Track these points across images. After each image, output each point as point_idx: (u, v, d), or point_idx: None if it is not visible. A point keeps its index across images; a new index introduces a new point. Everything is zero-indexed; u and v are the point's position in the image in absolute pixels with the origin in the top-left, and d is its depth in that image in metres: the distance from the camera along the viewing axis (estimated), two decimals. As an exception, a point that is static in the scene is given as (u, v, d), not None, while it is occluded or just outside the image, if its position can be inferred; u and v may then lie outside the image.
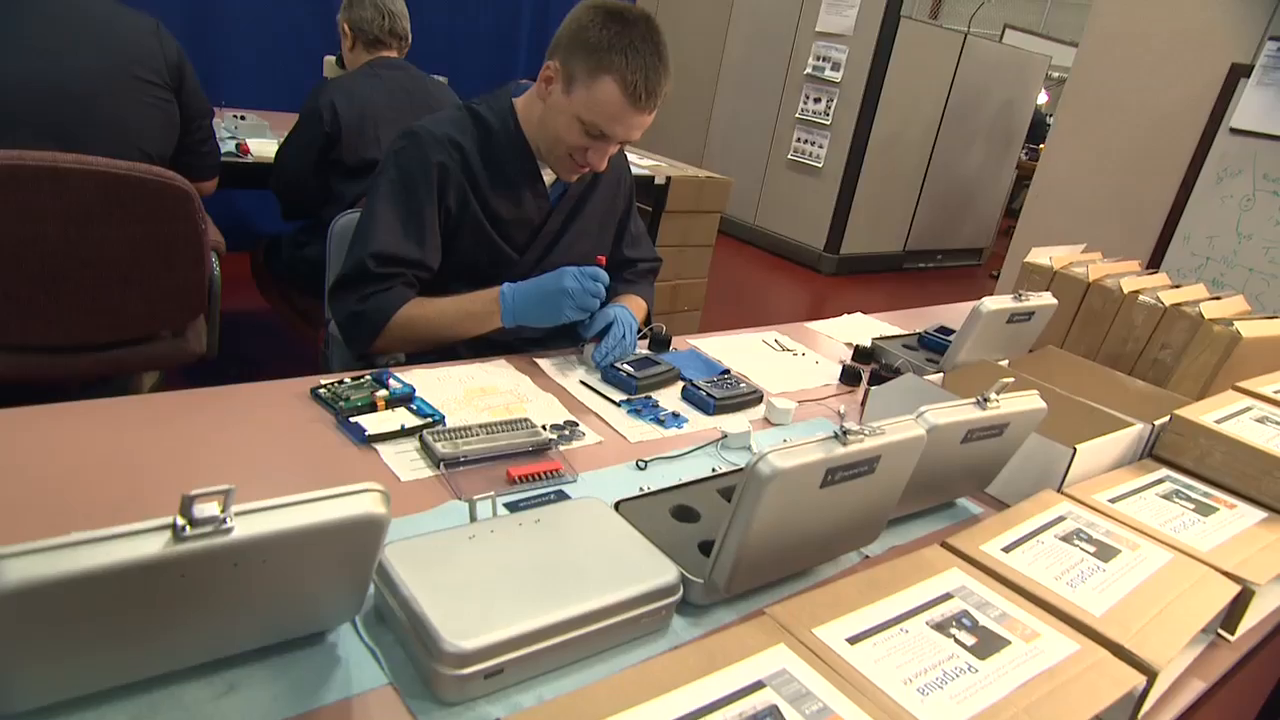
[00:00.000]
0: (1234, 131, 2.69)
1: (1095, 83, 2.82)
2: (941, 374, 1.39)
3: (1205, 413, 1.20)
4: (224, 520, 0.52)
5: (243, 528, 0.52)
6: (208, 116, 1.91)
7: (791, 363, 1.50)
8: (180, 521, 0.50)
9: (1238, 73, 2.67)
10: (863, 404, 1.32)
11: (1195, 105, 2.78)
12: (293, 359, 2.86)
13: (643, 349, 1.40)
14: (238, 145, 2.34)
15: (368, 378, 1.13)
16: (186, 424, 0.97)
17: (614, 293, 1.51)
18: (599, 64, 1.21)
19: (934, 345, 1.60)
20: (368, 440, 1.00)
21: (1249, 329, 1.47)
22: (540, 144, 1.33)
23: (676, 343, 1.47)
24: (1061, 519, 0.96)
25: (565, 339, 1.39)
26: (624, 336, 1.32)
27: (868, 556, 0.95)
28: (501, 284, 1.30)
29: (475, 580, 0.71)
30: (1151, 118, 2.90)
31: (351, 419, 1.03)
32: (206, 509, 0.51)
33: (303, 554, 0.58)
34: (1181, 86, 2.82)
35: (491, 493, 0.85)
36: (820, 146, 5.29)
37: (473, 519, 0.81)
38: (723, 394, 1.24)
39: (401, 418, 1.06)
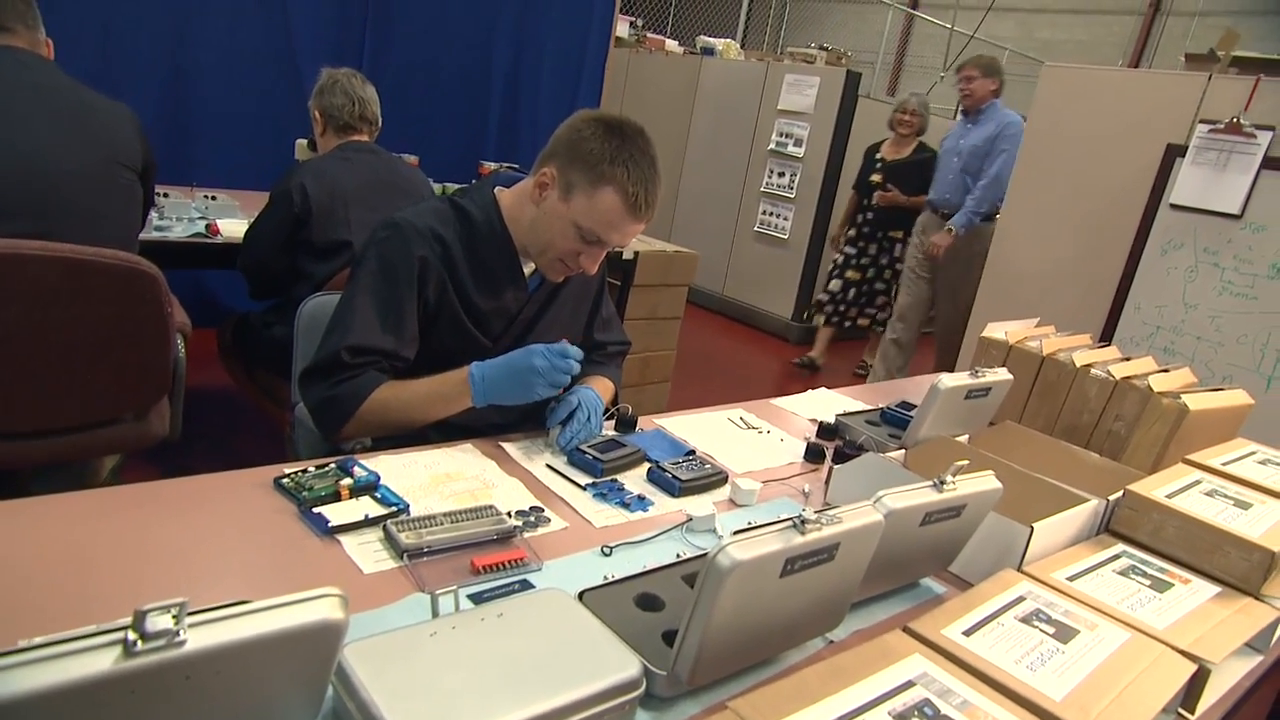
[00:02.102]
0: (1174, 207, 2.82)
1: (1044, 159, 2.95)
2: (903, 450, 1.42)
3: (1157, 487, 1.23)
4: (177, 633, 0.51)
5: (196, 639, 0.52)
6: (151, 204, 1.95)
7: (757, 441, 1.52)
8: (131, 636, 0.50)
9: (1173, 152, 2.81)
10: (827, 482, 1.33)
11: (1137, 182, 2.91)
12: (257, 437, 2.82)
13: (609, 430, 1.42)
14: (207, 225, 2.36)
15: (332, 466, 1.12)
16: (145, 518, 0.96)
17: (582, 374, 1.52)
18: (600, 175, 1.25)
19: (896, 421, 1.63)
20: (331, 532, 0.99)
21: (1196, 401, 1.52)
22: (529, 244, 1.36)
23: (643, 423, 1.48)
24: (1021, 599, 0.98)
25: (533, 422, 1.40)
26: (589, 419, 1.33)
27: (832, 641, 0.96)
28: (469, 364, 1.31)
29: (435, 681, 0.70)
30: (1098, 193, 3.04)
31: (315, 510, 1.02)
32: (159, 622, 0.51)
33: (258, 663, 0.57)
34: (1124, 164, 2.96)
35: (454, 586, 0.85)
36: (785, 218, 5.43)
37: (435, 614, 0.80)
38: (688, 476, 1.25)
39: (365, 507, 1.05)
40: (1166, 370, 1.66)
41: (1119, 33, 11.20)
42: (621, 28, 6.38)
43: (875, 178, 4.50)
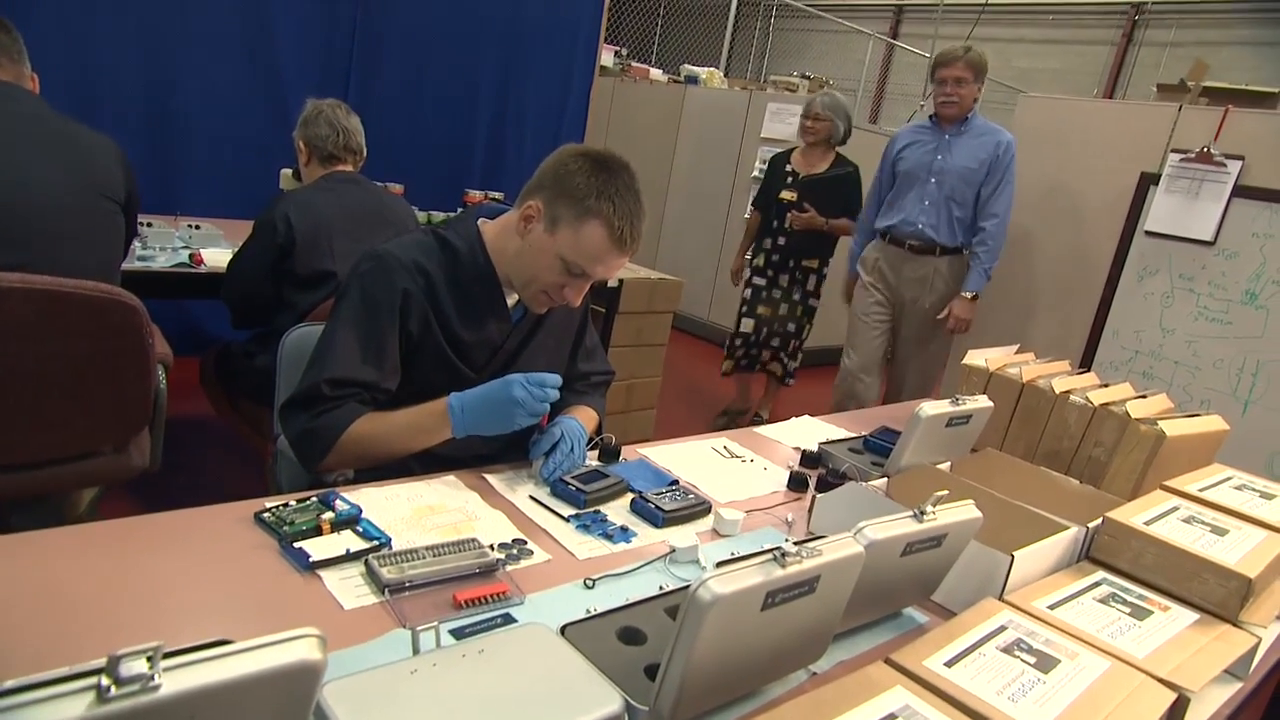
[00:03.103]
0: (1149, 234, 2.87)
1: (1022, 186, 3.00)
2: (886, 479, 1.42)
3: (1135, 514, 1.24)
4: (152, 677, 0.51)
5: (171, 683, 0.52)
6: (134, 235, 1.95)
7: (740, 470, 1.52)
8: (105, 682, 0.50)
9: (1147, 180, 2.87)
10: (810, 511, 1.34)
11: (1113, 209, 2.97)
12: (238, 467, 2.80)
13: (592, 460, 1.42)
14: (191, 255, 2.35)
15: (313, 499, 1.12)
16: (123, 554, 0.95)
17: (565, 404, 1.53)
18: (586, 210, 1.26)
19: (878, 449, 1.64)
20: (311, 567, 0.99)
21: (1173, 427, 1.54)
22: (513, 276, 1.37)
23: (626, 452, 1.48)
24: (1003, 628, 0.98)
25: (516, 451, 1.40)
26: (572, 450, 1.34)
27: (815, 674, 0.96)
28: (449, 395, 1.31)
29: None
30: (1076, 220, 3.09)
31: (295, 544, 1.02)
32: (134, 666, 0.51)
33: (234, 706, 0.57)
34: (1100, 192, 3.02)
35: (435, 621, 0.84)
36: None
37: (416, 651, 0.80)
38: (671, 506, 1.25)
39: (347, 541, 1.05)
40: (1144, 396, 1.68)
41: (1094, 61, 11.44)
42: (606, 56, 6.45)
43: (787, 194, 3.68)
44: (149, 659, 0.51)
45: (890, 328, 3.26)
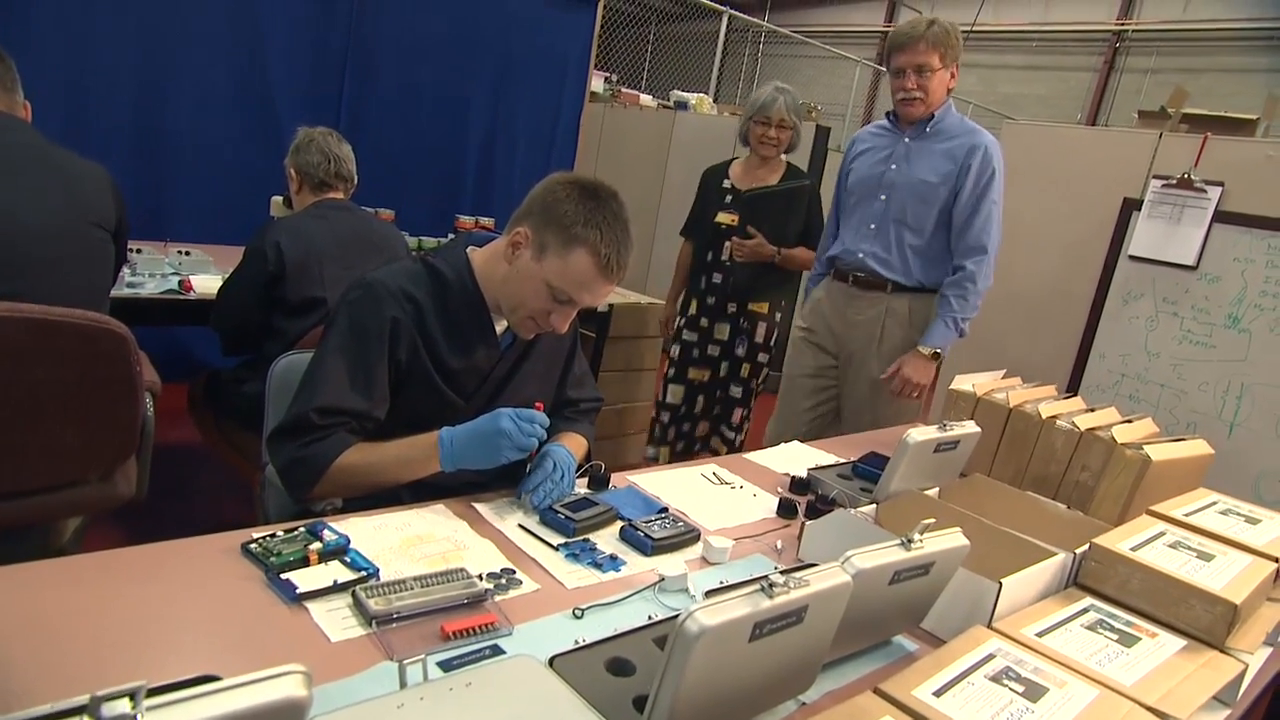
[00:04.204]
0: (1132, 259, 2.90)
1: (1008, 212, 3.03)
2: (875, 505, 1.43)
3: (1122, 540, 1.25)
4: (134, 718, 0.50)
5: (154, 724, 0.51)
6: (124, 261, 1.96)
7: (729, 496, 1.52)
8: (87, 723, 0.49)
9: (1130, 206, 2.91)
10: (799, 539, 1.34)
11: (1097, 234, 3.00)
12: (225, 494, 2.78)
13: (581, 488, 1.42)
14: (180, 282, 2.35)
15: (301, 530, 1.11)
16: (108, 586, 0.94)
17: (554, 431, 1.53)
18: (573, 237, 1.28)
19: (867, 474, 1.64)
20: (298, 599, 0.98)
21: (1158, 452, 1.55)
22: (501, 301, 1.38)
23: (615, 479, 1.48)
24: (991, 656, 0.98)
25: (506, 480, 1.39)
26: (562, 477, 1.34)
27: (805, 704, 0.95)
28: (440, 428, 1.31)
29: (401, 756, 0.69)
30: (1061, 245, 3.12)
31: (282, 575, 1.01)
32: (116, 708, 0.50)
33: (218, 744, 0.56)
34: (1084, 217, 3.06)
35: (423, 654, 0.84)
36: (759, 269, 5.50)
37: (403, 684, 0.79)
38: (660, 534, 1.25)
39: (334, 572, 1.04)
40: (1129, 421, 1.69)
41: (1077, 87, 11.63)
42: (596, 83, 6.51)
43: (726, 217, 2.82)
44: (131, 699, 0.51)
45: (835, 393, 2.50)
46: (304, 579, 1.01)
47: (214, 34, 3.31)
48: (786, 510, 1.47)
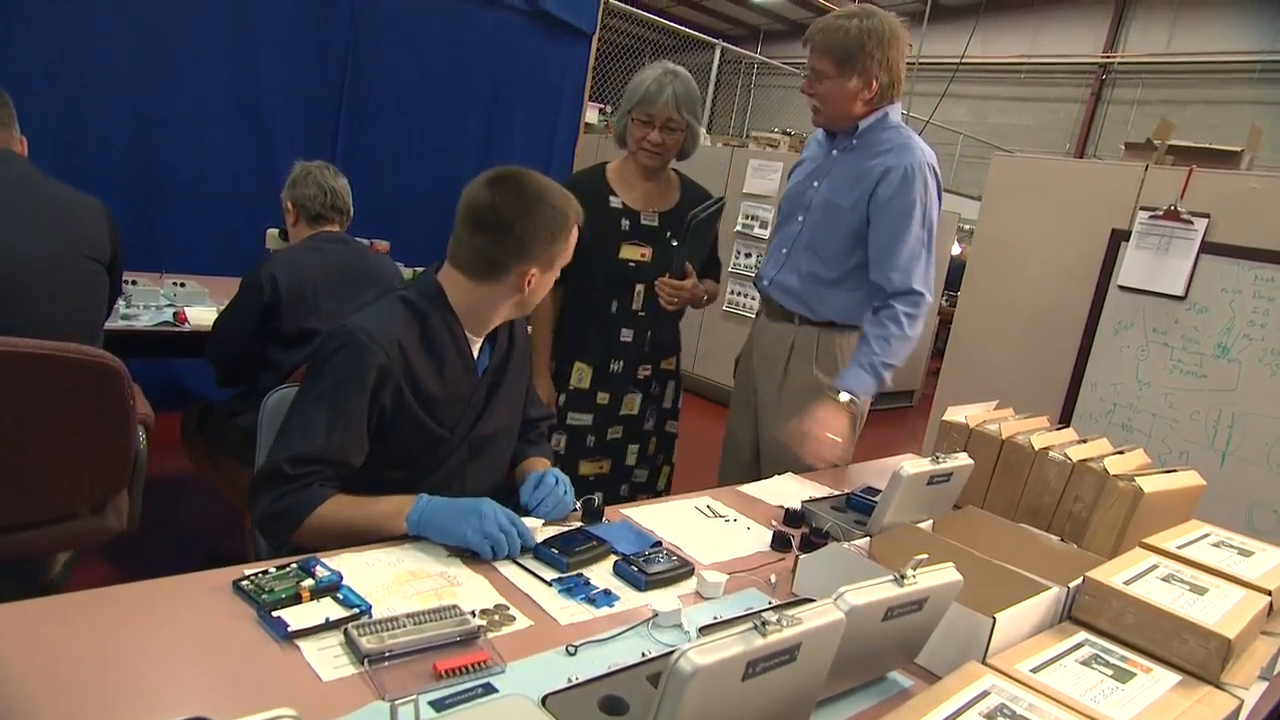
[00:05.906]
0: (1122, 289, 2.93)
1: (998, 241, 3.07)
2: (869, 538, 1.43)
3: (1115, 573, 1.25)
4: (125, 766, 0.50)
5: (144, 771, 0.51)
6: (119, 293, 1.98)
7: (724, 530, 1.52)
8: (78, 771, 0.49)
9: (1118, 236, 2.94)
10: (793, 572, 1.34)
11: (1087, 265, 3.03)
12: (217, 526, 2.76)
13: (575, 521, 1.42)
14: (175, 314, 2.36)
15: (293, 566, 1.11)
16: (98, 625, 0.94)
17: (521, 455, 1.60)
18: (555, 233, 1.44)
19: (861, 506, 1.65)
20: (290, 637, 0.98)
21: (1150, 484, 1.55)
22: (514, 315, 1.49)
23: (609, 513, 1.48)
24: (985, 694, 0.98)
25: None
26: (565, 493, 1.41)
27: (799, 742, 0.95)
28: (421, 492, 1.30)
29: (392, 800, 0.68)
30: (1051, 276, 3.15)
31: (274, 613, 1.01)
32: (107, 755, 0.50)
33: (208, 791, 0.56)
34: (1074, 248, 3.09)
35: (414, 694, 0.84)
36: (753, 298, 5.54)
37: (394, 726, 0.79)
38: (654, 569, 1.25)
39: (327, 609, 1.04)
40: (1121, 452, 1.70)
41: (1065, 118, 11.81)
42: (591, 114, 6.59)
43: (634, 252, 2.10)
44: (122, 746, 0.50)
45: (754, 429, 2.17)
46: (296, 616, 1.01)
47: (211, 68, 3.34)
48: (780, 543, 1.47)
